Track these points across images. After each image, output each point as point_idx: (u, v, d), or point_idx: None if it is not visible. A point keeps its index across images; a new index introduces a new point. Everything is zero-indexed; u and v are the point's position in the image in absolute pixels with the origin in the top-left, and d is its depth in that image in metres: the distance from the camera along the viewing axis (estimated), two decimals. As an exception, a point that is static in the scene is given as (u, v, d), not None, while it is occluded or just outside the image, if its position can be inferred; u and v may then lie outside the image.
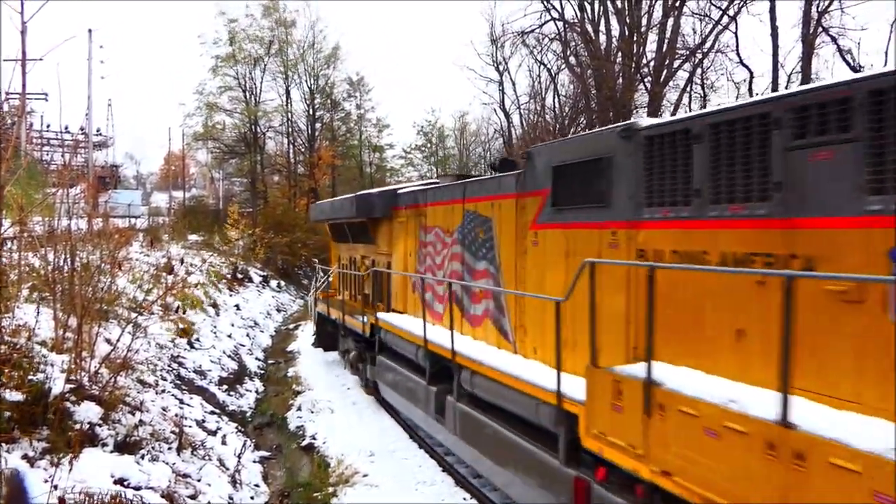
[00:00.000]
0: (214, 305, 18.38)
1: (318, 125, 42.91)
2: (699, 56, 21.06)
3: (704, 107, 19.04)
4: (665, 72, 21.69)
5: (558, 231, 6.01)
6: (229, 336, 16.66)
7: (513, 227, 6.87)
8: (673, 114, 19.33)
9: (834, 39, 17.47)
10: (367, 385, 11.78)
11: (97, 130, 51.84)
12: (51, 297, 8.15)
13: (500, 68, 33.71)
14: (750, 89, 19.39)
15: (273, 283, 28.71)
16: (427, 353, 8.19)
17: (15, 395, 5.88)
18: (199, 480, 7.06)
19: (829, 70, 18.79)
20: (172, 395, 9.91)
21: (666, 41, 21.34)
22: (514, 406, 6.08)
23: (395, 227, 10.93)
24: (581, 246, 5.60)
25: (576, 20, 24.20)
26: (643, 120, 5.24)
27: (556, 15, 24.21)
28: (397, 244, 10.80)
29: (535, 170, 6.42)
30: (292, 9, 42.11)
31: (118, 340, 8.45)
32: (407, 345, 9.07)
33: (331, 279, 15.58)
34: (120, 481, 5.90)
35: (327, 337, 14.95)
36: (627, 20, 22.24)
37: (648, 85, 22.01)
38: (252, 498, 7.66)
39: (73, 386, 6.70)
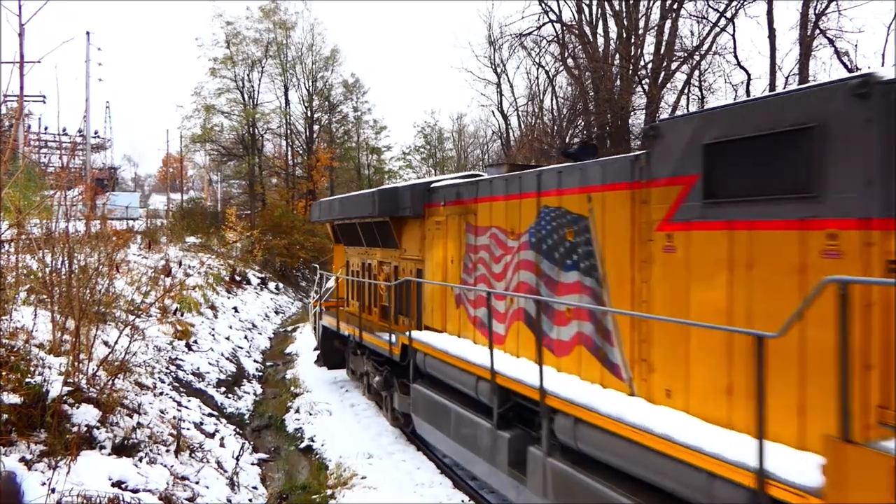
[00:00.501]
0: (212, 308, 18.37)
1: (316, 127, 42.98)
2: (697, 58, 21.14)
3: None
4: (663, 74, 21.79)
5: (716, 233, 4.49)
6: (227, 338, 16.67)
7: (627, 228, 5.36)
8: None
9: (831, 41, 17.57)
10: (395, 417, 9.95)
11: (95, 133, 51.92)
12: (48, 300, 8.13)
13: (498, 70, 33.86)
14: (748, 91, 19.46)
15: (271, 285, 28.70)
16: (495, 389, 6.46)
17: (12, 398, 5.86)
18: (197, 483, 7.05)
19: (827, 72, 18.90)
20: (170, 397, 9.90)
21: (664, 43, 21.42)
22: (660, 477, 4.46)
23: (428, 227, 9.24)
24: (763, 253, 4.12)
25: (574, 22, 24.29)
26: (885, 71, 3.69)
27: (553, 17, 24.33)
28: (432, 248, 9.11)
29: (669, 150, 4.88)
30: (292, 10, 42.30)
31: (116, 343, 8.43)
32: (460, 374, 7.27)
33: (335, 287, 13.87)
34: (118, 484, 5.89)
35: (333, 353, 13.05)
36: (625, 22, 22.32)
37: (646, 87, 22.07)
38: (250, 500, 7.65)
39: (70, 388, 6.68)
